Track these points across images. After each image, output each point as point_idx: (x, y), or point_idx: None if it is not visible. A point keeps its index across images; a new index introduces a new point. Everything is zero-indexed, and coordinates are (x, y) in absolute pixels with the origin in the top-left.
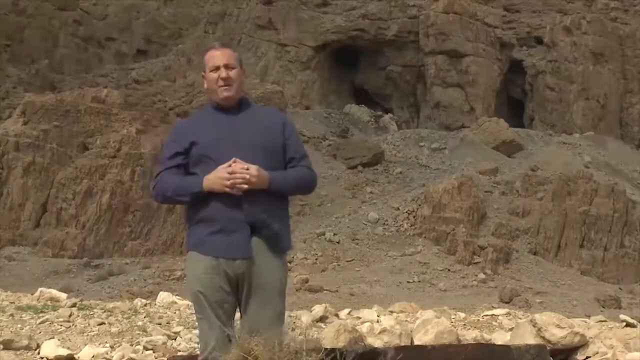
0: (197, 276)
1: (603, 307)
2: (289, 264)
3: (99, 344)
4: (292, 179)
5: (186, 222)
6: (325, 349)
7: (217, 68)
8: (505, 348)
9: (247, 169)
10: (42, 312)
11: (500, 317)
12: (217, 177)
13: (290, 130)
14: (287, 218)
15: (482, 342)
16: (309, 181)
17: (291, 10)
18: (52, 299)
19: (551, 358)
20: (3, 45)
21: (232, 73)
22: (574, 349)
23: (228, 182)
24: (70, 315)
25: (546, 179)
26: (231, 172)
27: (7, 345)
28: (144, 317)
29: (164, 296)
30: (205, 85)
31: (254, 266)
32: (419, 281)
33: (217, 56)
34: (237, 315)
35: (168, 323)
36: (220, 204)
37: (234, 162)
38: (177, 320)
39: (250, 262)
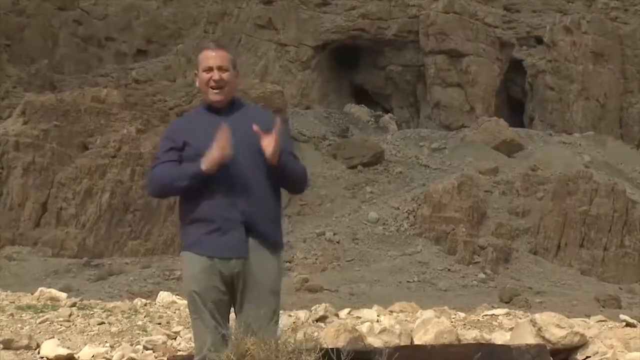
0: (192, 276)
1: (603, 307)
2: (289, 264)
3: (99, 344)
4: (296, 164)
5: (180, 222)
6: (324, 348)
7: (210, 69)
8: (505, 348)
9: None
10: (42, 312)
11: (500, 317)
12: (211, 152)
13: (281, 130)
14: (280, 218)
15: (482, 342)
16: (304, 175)
17: (291, 10)
18: (52, 298)
19: (551, 358)
20: (3, 45)
21: (225, 75)
22: (574, 349)
23: (220, 145)
24: (70, 315)
25: (546, 178)
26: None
27: (7, 345)
28: (144, 317)
29: (164, 296)
30: (197, 85)
31: (249, 266)
32: (419, 281)
33: (211, 57)
34: (233, 315)
35: (168, 323)
36: (215, 204)
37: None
38: (177, 320)
39: (246, 261)
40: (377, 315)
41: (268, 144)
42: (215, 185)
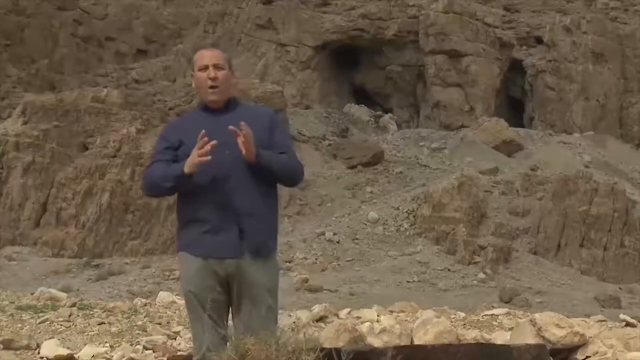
0: (188, 277)
1: (603, 306)
2: (289, 264)
3: (99, 344)
4: (280, 159)
5: (177, 223)
6: (324, 348)
7: (205, 67)
8: (505, 348)
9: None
10: (42, 312)
11: (500, 317)
12: (192, 155)
13: (276, 126)
14: (276, 221)
15: (482, 342)
16: (295, 168)
17: (291, 10)
18: (52, 298)
19: (551, 358)
20: (3, 45)
21: (220, 74)
22: (574, 349)
23: (202, 150)
24: (70, 315)
25: (546, 178)
26: (201, 147)
27: (7, 345)
28: (144, 317)
29: (163, 296)
30: (194, 84)
31: (243, 265)
32: (419, 281)
33: (206, 56)
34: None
35: (168, 323)
36: (209, 204)
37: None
38: (177, 320)
39: (240, 261)
40: (377, 315)
41: (240, 143)
42: (209, 186)
